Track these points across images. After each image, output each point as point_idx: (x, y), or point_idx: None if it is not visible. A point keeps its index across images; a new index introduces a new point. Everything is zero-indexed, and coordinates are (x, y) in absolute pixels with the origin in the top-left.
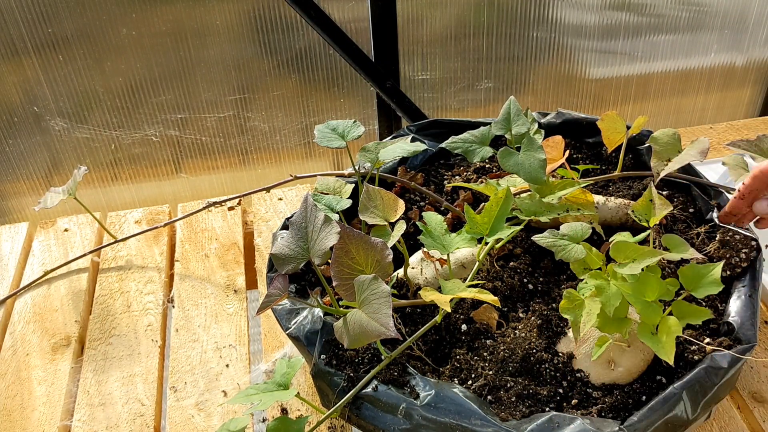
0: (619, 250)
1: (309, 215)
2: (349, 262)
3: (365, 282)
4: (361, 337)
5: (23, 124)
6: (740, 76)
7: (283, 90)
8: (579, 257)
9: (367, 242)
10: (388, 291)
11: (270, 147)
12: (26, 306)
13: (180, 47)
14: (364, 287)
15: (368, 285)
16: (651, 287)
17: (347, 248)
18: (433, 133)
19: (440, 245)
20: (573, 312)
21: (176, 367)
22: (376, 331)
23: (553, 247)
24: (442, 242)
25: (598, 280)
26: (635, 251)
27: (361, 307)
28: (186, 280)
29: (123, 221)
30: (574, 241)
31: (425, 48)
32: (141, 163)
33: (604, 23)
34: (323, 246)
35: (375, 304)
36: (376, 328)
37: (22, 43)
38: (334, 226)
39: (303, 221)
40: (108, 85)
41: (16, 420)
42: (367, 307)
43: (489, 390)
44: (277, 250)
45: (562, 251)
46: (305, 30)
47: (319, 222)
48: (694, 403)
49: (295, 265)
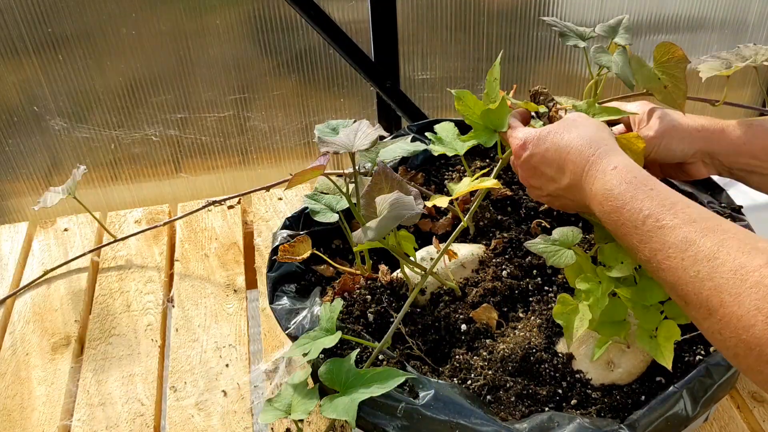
0: (606, 253)
1: (360, 125)
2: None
3: (387, 197)
4: (389, 222)
5: (23, 124)
6: (740, 76)
7: (283, 90)
8: (569, 263)
9: (403, 187)
10: (411, 199)
11: (270, 147)
12: (26, 306)
13: (180, 47)
14: (386, 200)
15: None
16: (652, 292)
17: (381, 185)
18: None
19: (451, 148)
20: (566, 317)
21: (176, 366)
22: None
23: (545, 253)
24: (454, 145)
25: (588, 284)
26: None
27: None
28: (186, 279)
29: (123, 221)
30: (565, 246)
31: (425, 48)
32: (141, 162)
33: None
34: (363, 143)
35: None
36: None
37: (22, 43)
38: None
39: (354, 130)
40: (108, 84)
41: (15, 420)
42: (388, 208)
43: (488, 390)
44: (325, 138)
45: (553, 257)
46: (305, 30)
47: (365, 127)
48: (693, 401)
49: (337, 149)
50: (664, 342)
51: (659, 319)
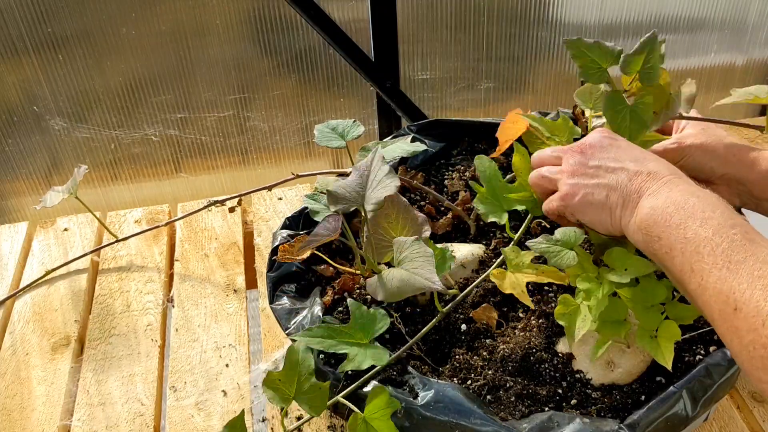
0: (614, 258)
1: (374, 165)
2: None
3: (406, 242)
4: (404, 289)
5: (23, 124)
6: (740, 76)
7: (283, 90)
8: (571, 264)
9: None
10: (431, 252)
11: (270, 147)
12: (26, 306)
13: (180, 47)
14: (405, 247)
15: (410, 245)
16: (653, 292)
17: (388, 212)
18: (434, 133)
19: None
20: (568, 318)
21: (176, 366)
22: (419, 283)
23: (547, 253)
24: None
25: (588, 284)
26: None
27: (400, 265)
28: (186, 279)
29: (123, 221)
30: (567, 247)
31: (425, 48)
32: (141, 162)
33: (604, 23)
34: (379, 195)
35: (418, 261)
36: (419, 281)
37: (22, 43)
38: (395, 179)
39: (367, 169)
40: (108, 84)
41: (15, 420)
42: (408, 263)
43: (488, 390)
44: (335, 189)
45: (555, 257)
46: (305, 30)
47: (382, 173)
48: (693, 401)
49: (347, 206)
50: (665, 342)
51: (660, 320)
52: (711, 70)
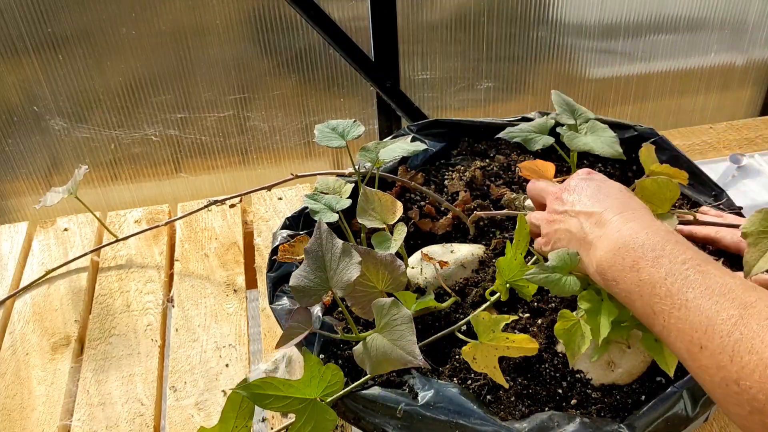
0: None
1: (325, 243)
2: (361, 279)
3: (385, 306)
4: (385, 364)
5: (23, 124)
6: (740, 76)
7: (283, 90)
8: (575, 290)
9: (376, 258)
10: (409, 315)
11: (270, 147)
12: (26, 305)
13: (180, 47)
14: (384, 311)
15: (388, 309)
16: None
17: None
18: (434, 133)
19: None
20: (566, 335)
21: (176, 366)
22: (401, 358)
23: (546, 284)
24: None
25: (590, 303)
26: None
27: (382, 332)
28: (186, 279)
29: (123, 221)
30: (564, 272)
31: (425, 48)
32: (141, 162)
33: (604, 23)
34: (345, 278)
35: (398, 331)
36: (400, 355)
37: (22, 43)
38: (354, 256)
39: (319, 249)
40: (108, 84)
41: (15, 420)
42: (389, 333)
43: (488, 390)
44: (296, 282)
45: (556, 286)
46: (305, 30)
47: (337, 251)
48: (693, 402)
49: (316, 297)
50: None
51: None
52: (711, 70)
